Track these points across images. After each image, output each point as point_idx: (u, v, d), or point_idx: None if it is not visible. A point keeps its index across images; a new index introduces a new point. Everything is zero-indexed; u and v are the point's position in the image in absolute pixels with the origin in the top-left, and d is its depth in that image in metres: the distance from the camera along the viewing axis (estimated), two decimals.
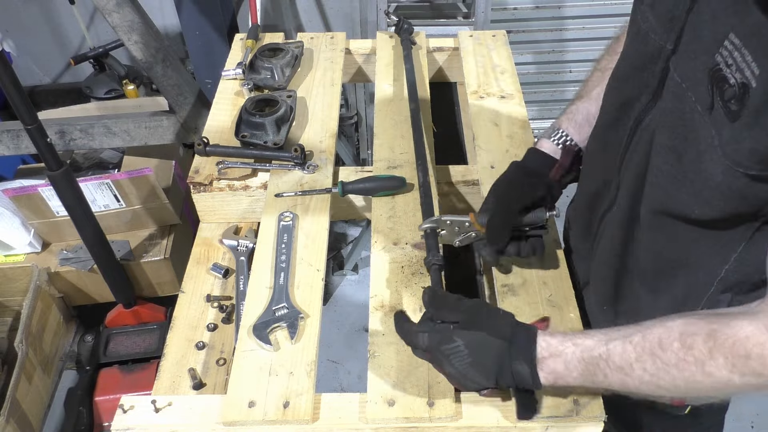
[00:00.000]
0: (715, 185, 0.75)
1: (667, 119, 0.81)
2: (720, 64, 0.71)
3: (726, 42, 0.70)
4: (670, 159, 0.81)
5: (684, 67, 0.77)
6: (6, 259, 1.98)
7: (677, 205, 0.83)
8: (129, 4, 1.82)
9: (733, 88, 0.69)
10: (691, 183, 0.79)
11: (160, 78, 1.96)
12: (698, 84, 0.75)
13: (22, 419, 1.76)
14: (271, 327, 1.01)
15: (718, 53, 0.71)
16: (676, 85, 0.79)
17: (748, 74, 0.67)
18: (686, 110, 0.77)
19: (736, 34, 0.68)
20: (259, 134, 1.33)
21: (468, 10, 2.60)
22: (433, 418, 0.90)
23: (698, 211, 0.80)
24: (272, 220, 1.19)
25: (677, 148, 0.80)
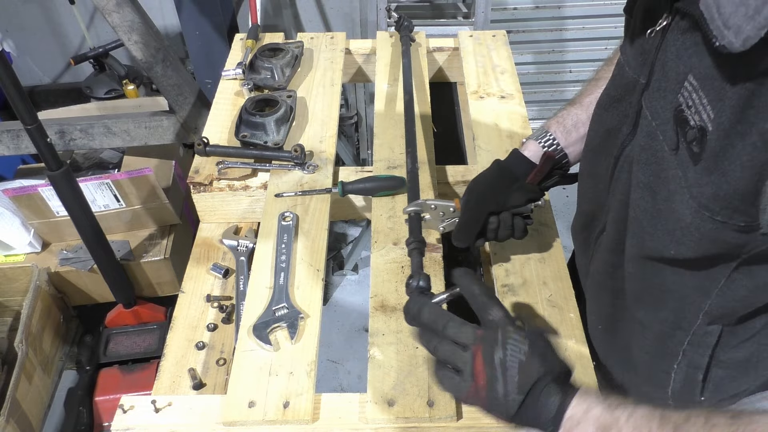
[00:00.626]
0: (686, 226, 0.73)
1: (642, 155, 0.79)
2: (682, 105, 0.69)
3: (686, 83, 0.68)
4: (645, 195, 0.79)
5: (654, 105, 0.76)
6: (6, 259, 1.98)
7: (654, 243, 0.80)
8: (129, 4, 1.82)
9: (693, 130, 0.68)
10: (665, 221, 0.77)
11: (160, 78, 1.96)
12: (665, 123, 0.73)
13: (22, 419, 1.76)
14: (271, 327, 1.01)
15: (680, 93, 0.70)
16: (648, 123, 0.78)
17: (705, 117, 0.66)
18: (658, 148, 0.76)
19: (694, 76, 0.67)
20: (259, 134, 1.33)
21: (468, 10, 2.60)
22: (433, 418, 0.90)
23: (674, 250, 0.78)
24: (272, 220, 1.19)
25: (651, 185, 0.78)
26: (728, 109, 0.62)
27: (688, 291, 0.83)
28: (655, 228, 0.79)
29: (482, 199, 1.01)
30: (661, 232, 0.78)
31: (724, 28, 0.58)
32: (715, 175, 0.66)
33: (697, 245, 0.73)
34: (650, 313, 0.91)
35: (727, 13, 0.57)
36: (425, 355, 0.97)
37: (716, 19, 0.58)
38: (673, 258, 0.79)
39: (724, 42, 0.58)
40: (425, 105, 1.45)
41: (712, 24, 0.59)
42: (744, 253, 0.73)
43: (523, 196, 1.02)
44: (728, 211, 0.67)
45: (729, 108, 0.62)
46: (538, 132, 1.08)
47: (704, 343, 0.86)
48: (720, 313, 0.82)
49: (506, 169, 1.04)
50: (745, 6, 0.56)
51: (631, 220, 0.85)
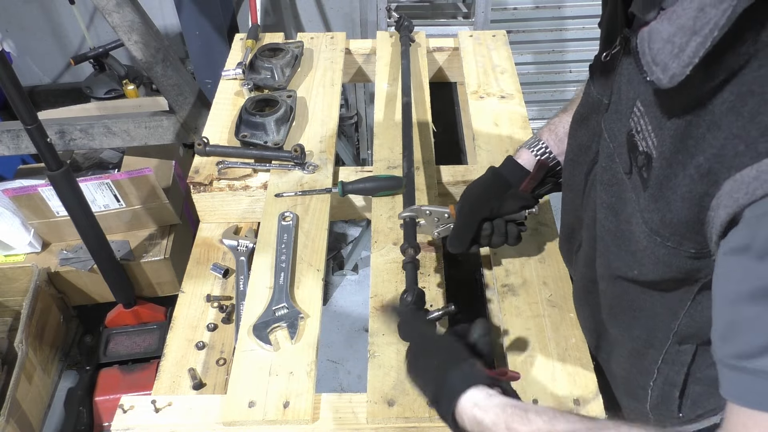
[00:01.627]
0: (642, 249, 0.72)
1: (605, 176, 0.79)
2: (633, 129, 0.69)
3: (635, 107, 0.68)
4: (609, 216, 0.79)
5: (612, 127, 0.76)
6: (6, 259, 1.98)
7: (618, 263, 0.80)
8: (129, 4, 1.82)
9: (642, 155, 0.68)
10: (627, 242, 0.76)
11: (160, 78, 1.96)
12: (621, 146, 0.73)
13: (22, 419, 1.76)
14: (271, 327, 1.01)
15: (630, 118, 0.70)
16: (607, 144, 0.78)
17: (650, 144, 0.65)
18: (616, 170, 0.76)
19: (641, 101, 0.67)
20: (259, 134, 1.33)
21: (468, 10, 2.61)
22: (433, 418, 0.90)
23: (636, 271, 0.77)
24: (272, 220, 1.19)
25: (614, 206, 0.78)
26: (668, 138, 0.62)
27: (657, 310, 0.82)
28: (619, 248, 0.79)
29: (476, 206, 1.02)
30: (624, 253, 0.78)
31: (653, 64, 0.58)
32: (660, 203, 0.65)
33: (654, 268, 0.73)
34: (624, 330, 0.90)
35: (656, 49, 0.57)
36: None
37: (647, 53, 0.59)
38: (637, 279, 0.79)
39: (653, 78, 0.58)
40: (425, 105, 1.45)
41: (644, 59, 0.59)
42: (702, 277, 0.72)
43: (516, 203, 1.02)
44: (677, 237, 0.66)
45: (669, 138, 0.62)
46: (531, 140, 1.08)
47: (678, 361, 0.85)
48: (689, 333, 0.82)
49: (500, 177, 1.05)
50: (671, 44, 0.56)
51: (598, 239, 0.85)
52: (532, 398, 0.92)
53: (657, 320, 0.83)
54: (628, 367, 0.93)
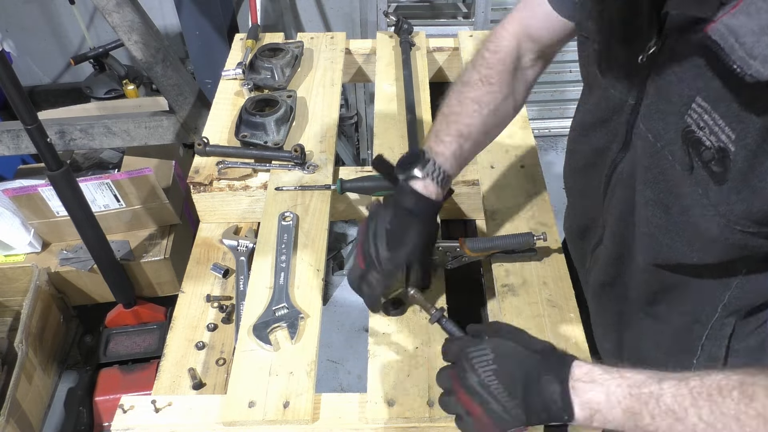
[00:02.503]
0: (712, 237, 0.73)
1: (647, 175, 0.79)
2: (691, 126, 0.69)
3: (694, 104, 0.68)
4: (657, 212, 0.80)
5: (655, 126, 0.76)
6: (6, 259, 1.98)
7: (674, 254, 0.81)
8: (129, 4, 1.82)
9: (710, 150, 0.68)
10: (683, 233, 0.77)
11: (160, 78, 1.96)
12: (672, 143, 0.73)
13: (22, 419, 1.76)
14: (271, 327, 1.01)
15: (687, 115, 0.70)
16: (650, 144, 0.77)
17: (724, 138, 0.66)
18: (666, 167, 0.76)
19: (703, 98, 0.67)
20: (259, 134, 1.33)
21: (468, 10, 2.61)
22: (433, 418, 0.90)
23: (696, 258, 0.79)
24: (272, 220, 1.19)
25: (663, 201, 0.78)
26: (753, 130, 0.63)
27: (705, 288, 0.84)
28: (673, 240, 0.79)
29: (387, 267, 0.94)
30: (679, 244, 0.79)
31: (749, 58, 0.57)
32: (745, 193, 0.67)
33: (722, 253, 0.75)
34: (665, 313, 0.91)
35: (750, 43, 0.57)
36: (425, 355, 0.98)
37: (737, 49, 0.58)
38: (695, 263, 0.80)
39: (751, 71, 0.57)
40: (425, 105, 1.45)
41: (734, 54, 0.58)
42: None
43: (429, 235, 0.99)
44: (758, 225, 0.68)
45: (754, 130, 0.62)
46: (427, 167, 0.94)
47: (720, 335, 0.88)
48: (738, 305, 0.84)
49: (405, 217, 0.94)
50: None
51: (641, 235, 0.85)
52: None
53: (706, 294, 0.85)
54: (664, 353, 0.94)
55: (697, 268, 0.82)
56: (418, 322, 1.02)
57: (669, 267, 0.85)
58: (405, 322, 1.02)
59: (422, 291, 0.98)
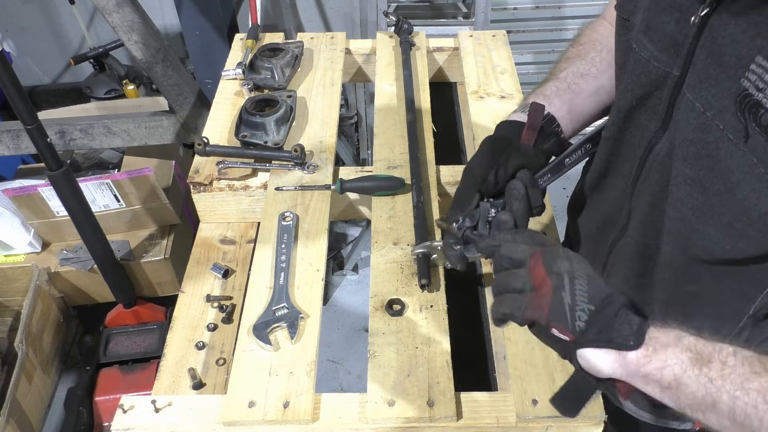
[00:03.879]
0: (758, 216, 0.69)
1: (689, 150, 0.75)
2: (749, 89, 0.66)
3: (753, 65, 0.65)
4: (694, 192, 0.76)
5: (705, 95, 0.72)
6: (6, 259, 1.98)
7: (704, 241, 0.77)
8: (129, 4, 1.82)
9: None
10: (719, 215, 0.74)
11: (160, 78, 1.97)
12: (724, 111, 0.69)
13: (22, 419, 1.76)
14: (271, 327, 1.01)
15: (744, 77, 0.66)
16: (698, 115, 0.73)
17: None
18: (711, 140, 0.72)
19: (764, 57, 0.64)
20: (259, 134, 1.33)
21: (468, 10, 2.61)
22: (433, 418, 0.90)
23: (729, 245, 0.74)
24: (272, 220, 1.19)
25: (702, 180, 0.74)
26: None
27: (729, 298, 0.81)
28: (707, 224, 0.76)
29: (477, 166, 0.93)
30: (712, 229, 0.75)
31: None
32: None
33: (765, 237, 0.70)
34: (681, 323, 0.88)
35: None
36: (425, 355, 0.98)
37: None
38: (722, 257, 0.76)
39: None
40: (425, 105, 1.45)
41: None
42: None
43: (521, 158, 0.93)
44: None
45: None
46: (519, 107, 1.03)
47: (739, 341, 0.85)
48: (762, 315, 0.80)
49: (496, 138, 0.98)
50: None
51: (672, 220, 0.81)
52: (531, 399, 0.92)
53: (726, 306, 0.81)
54: None
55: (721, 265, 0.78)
56: (418, 322, 1.02)
57: (693, 262, 0.81)
58: (405, 322, 1.02)
59: None
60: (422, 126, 1.39)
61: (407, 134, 1.35)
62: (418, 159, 1.28)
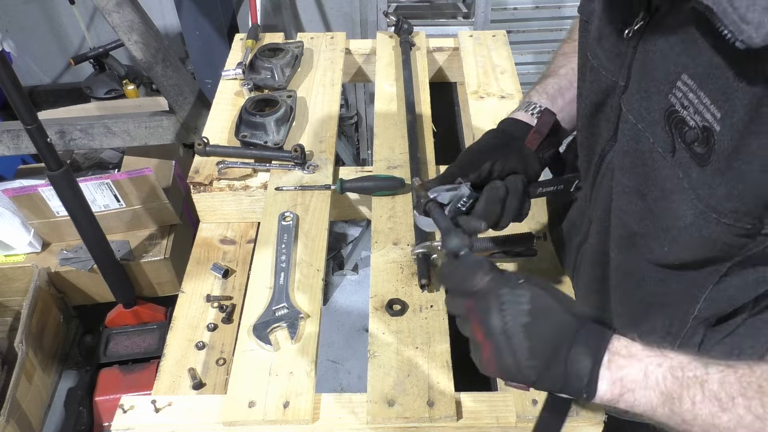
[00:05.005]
0: (684, 226, 0.70)
1: (626, 160, 0.76)
2: (675, 105, 0.67)
3: (679, 83, 0.66)
4: (633, 199, 0.77)
5: (637, 107, 0.73)
6: (6, 259, 1.98)
7: (646, 245, 0.78)
8: (129, 4, 1.82)
9: (694, 130, 0.65)
10: (658, 220, 0.74)
11: (160, 78, 1.96)
12: (654, 125, 0.70)
13: (22, 419, 1.76)
14: (271, 327, 1.01)
15: (671, 94, 0.67)
16: (632, 126, 0.74)
17: (708, 117, 0.63)
18: (645, 150, 0.73)
19: (689, 76, 0.64)
20: (259, 134, 1.33)
21: (468, 10, 2.61)
22: (433, 418, 0.90)
23: (667, 247, 0.75)
24: (272, 220, 1.19)
25: (640, 189, 0.75)
26: (740, 107, 0.60)
27: (675, 299, 0.82)
28: (647, 229, 0.76)
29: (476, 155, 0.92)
30: (653, 231, 0.76)
31: (742, 22, 0.55)
32: (728, 176, 0.63)
33: (693, 246, 0.71)
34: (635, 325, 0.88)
35: (743, 7, 0.55)
36: (425, 355, 0.98)
37: (730, 13, 0.55)
38: (662, 261, 0.77)
39: (742, 37, 0.55)
40: (425, 106, 1.45)
41: (726, 19, 0.56)
42: (737, 256, 0.71)
43: (521, 161, 0.93)
44: (738, 214, 0.65)
45: (741, 107, 0.60)
46: (522, 105, 1.03)
47: (691, 343, 0.85)
48: (708, 314, 0.81)
49: (503, 131, 0.97)
50: None
51: (615, 227, 0.83)
52: (531, 399, 0.92)
53: (674, 308, 0.82)
54: None
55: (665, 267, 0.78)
56: (418, 322, 1.02)
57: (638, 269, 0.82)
58: (405, 322, 1.02)
59: None
60: (422, 126, 1.39)
61: (407, 134, 1.35)
62: (418, 159, 1.28)
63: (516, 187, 0.91)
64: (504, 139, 0.95)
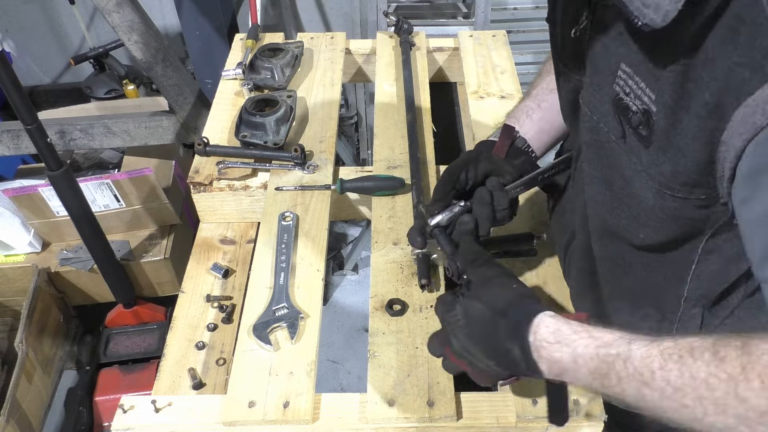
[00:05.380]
0: (649, 208, 0.73)
1: (590, 152, 0.81)
2: (619, 93, 0.71)
3: (619, 72, 0.70)
4: (601, 189, 0.81)
5: (592, 100, 0.78)
6: (6, 259, 1.98)
7: (620, 231, 0.81)
8: (129, 4, 1.82)
9: (637, 115, 0.69)
10: (628, 207, 0.77)
11: (160, 78, 1.97)
12: (606, 115, 0.75)
13: (22, 419, 1.76)
14: (271, 327, 1.01)
15: (615, 83, 0.71)
16: (589, 119, 0.79)
17: (646, 100, 0.67)
18: (603, 141, 0.77)
19: (626, 63, 0.69)
20: (259, 134, 1.33)
21: (468, 10, 2.61)
22: (433, 418, 0.90)
23: (642, 234, 0.78)
24: (272, 220, 1.19)
25: (606, 177, 0.79)
26: (668, 87, 0.64)
27: (663, 283, 0.84)
28: (619, 217, 0.79)
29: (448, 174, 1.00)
30: (625, 220, 0.79)
31: (644, 7, 0.59)
32: (670, 152, 0.67)
33: (661, 226, 0.74)
34: (632, 314, 0.91)
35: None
36: (425, 355, 0.98)
37: (635, 1, 0.60)
38: (641, 245, 0.80)
39: (646, 20, 0.59)
40: (425, 105, 1.45)
41: (632, 5, 0.60)
42: (708, 228, 0.74)
43: (489, 163, 1.01)
44: (688, 186, 0.68)
45: (668, 86, 0.64)
46: (495, 132, 1.09)
47: (691, 327, 0.86)
48: (699, 294, 0.83)
49: (473, 150, 1.06)
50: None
51: (591, 218, 0.86)
52: (531, 399, 0.92)
53: (664, 291, 0.85)
54: None
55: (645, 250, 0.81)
56: (418, 322, 1.02)
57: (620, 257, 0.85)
58: (405, 322, 1.02)
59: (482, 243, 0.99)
60: (422, 126, 1.39)
61: (407, 134, 1.35)
62: (418, 159, 1.28)
63: (493, 185, 0.99)
64: (474, 153, 1.04)
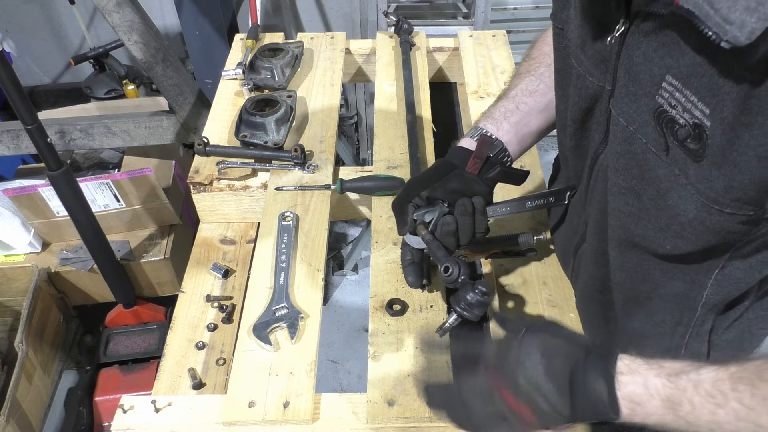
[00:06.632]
0: (687, 221, 0.72)
1: (620, 162, 0.79)
2: (663, 105, 0.69)
3: (664, 83, 0.68)
4: (630, 200, 0.79)
5: (627, 110, 0.76)
6: (6, 259, 1.98)
7: (643, 242, 0.81)
8: (129, 4, 1.82)
9: (685, 128, 0.67)
10: (656, 219, 0.77)
11: (160, 78, 1.97)
12: (645, 126, 0.73)
13: (22, 419, 1.76)
14: (271, 327, 1.01)
15: (658, 95, 0.69)
16: (623, 129, 0.77)
17: (698, 114, 0.65)
18: (638, 151, 0.75)
19: (673, 76, 0.67)
20: (259, 134, 1.33)
21: (468, 10, 2.61)
22: (433, 418, 0.90)
23: (670, 245, 0.78)
24: (272, 220, 1.19)
25: (635, 189, 0.78)
26: (729, 103, 0.62)
27: (682, 289, 0.84)
28: (645, 229, 0.79)
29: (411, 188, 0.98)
30: (651, 232, 0.78)
31: (725, 23, 0.56)
32: (725, 168, 0.65)
33: (698, 238, 0.74)
34: (646, 319, 0.91)
35: (725, 8, 0.56)
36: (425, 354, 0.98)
37: (713, 16, 0.57)
38: (665, 255, 0.79)
39: (727, 37, 0.56)
40: (425, 105, 1.45)
41: (709, 21, 0.57)
42: (740, 242, 0.74)
43: (460, 182, 0.98)
44: (739, 203, 0.67)
45: (730, 102, 0.62)
46: (470, 131, 1.06)
47: (702, 331, 0.88)
48: (717, 300, 0.84)
49: (444, 161, 1.02)
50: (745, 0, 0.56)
51: (614, 228, 0.85)
52: None
53: (682, 297, 0.85)
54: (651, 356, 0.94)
55: (667, 260, 0.81)
56: (418, 322, 1.02)
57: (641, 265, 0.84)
58: (405, 322, 1.02)
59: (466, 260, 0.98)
60: (422, 126, 1.39)
61: (407, 134, 1.35)
62: (418, 159, 1.28)
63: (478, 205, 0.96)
64: (445, 168, 1.00)
